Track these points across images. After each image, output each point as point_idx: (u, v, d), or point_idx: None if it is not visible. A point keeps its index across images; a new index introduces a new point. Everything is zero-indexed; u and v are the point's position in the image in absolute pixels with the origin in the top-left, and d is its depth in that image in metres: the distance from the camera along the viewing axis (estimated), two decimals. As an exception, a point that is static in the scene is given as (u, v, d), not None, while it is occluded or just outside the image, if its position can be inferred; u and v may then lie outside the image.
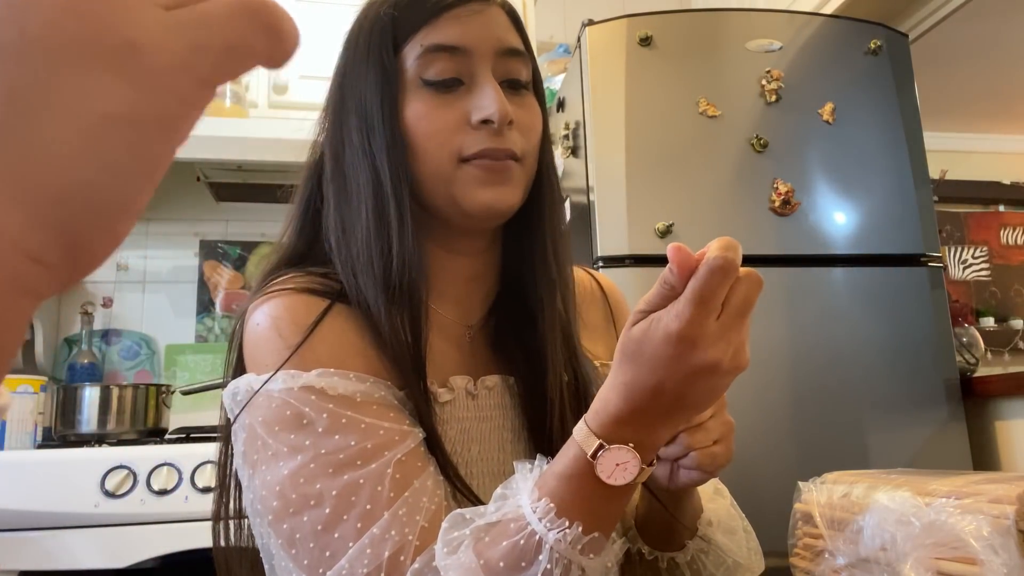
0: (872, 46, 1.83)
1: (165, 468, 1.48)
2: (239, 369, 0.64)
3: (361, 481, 0.55)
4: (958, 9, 2.02)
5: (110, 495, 1.44)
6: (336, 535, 0.54)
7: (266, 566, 0.64)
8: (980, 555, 0.44)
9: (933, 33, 2.14)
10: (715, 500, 0.71)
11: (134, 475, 1.47)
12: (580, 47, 1.82)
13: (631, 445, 0.50)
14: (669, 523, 0.67)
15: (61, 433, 1.78)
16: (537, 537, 0.50)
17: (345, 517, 0.54)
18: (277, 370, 0.59)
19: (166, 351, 2.23)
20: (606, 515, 0.52)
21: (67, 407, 1.77)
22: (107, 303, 2.23)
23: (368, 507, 0.54)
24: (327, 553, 0.54)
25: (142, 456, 1.49)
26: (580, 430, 0.52)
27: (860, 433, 1.64)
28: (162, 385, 1.91)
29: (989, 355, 2.86)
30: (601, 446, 0.50)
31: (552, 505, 0.51)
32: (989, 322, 2.95)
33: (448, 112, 0.65)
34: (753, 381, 1.63)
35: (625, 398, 0.50)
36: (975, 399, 1.74)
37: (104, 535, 1.43)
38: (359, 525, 0.54)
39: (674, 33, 1.79)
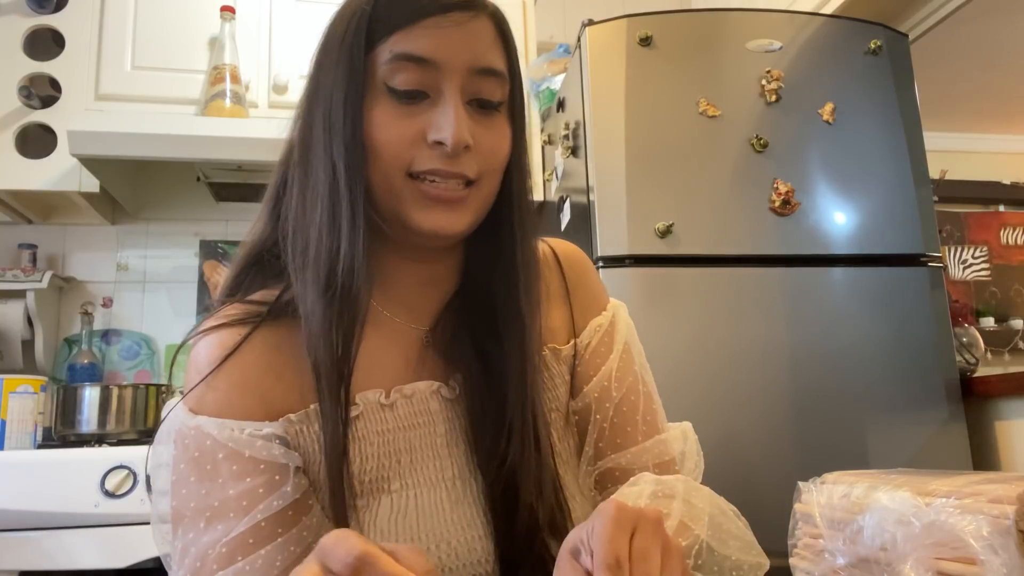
0: (872, 46, 1.83)
1: (165, 468, 1.48)
2: None
3: (192, 549, 0.58)
4: (958, 9, 2.02)
5: (110, 495, 1.44)
6: None
7: None
8: (980, 555, 0.44)
9: (933, 33, 2.14)
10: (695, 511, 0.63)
11: (134, 475, 1.47)
12: (580, 47, 1.82)
13: None
14: None
15: (61, 433, 1.78)
16: None
17: (178, 570, 0.59)
18: (170, 410, 0.64)
19: (166, 351, 2.23)
20: None
21: (67, 407, 1.77)
22: (107, 303, 2.23)
23: (215, 567, 0.57)
24: None
25: (142, 456, 1.48)
26: None
27: (860, 433, 1.64)
28: (162, 385, 1.91)
29: (989, 355, 2.86)
30: None
31: None
32: (989, 322, 2.95)
33: (408, 124, 0.62)
34: (753, 381, 1.63)
35: None
36: (975, 399, 1.74)
37: (104, 535, 1.44)
38: None
39: (674, 33, 1.79)
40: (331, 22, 0.67)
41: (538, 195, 2.20)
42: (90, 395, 1.77)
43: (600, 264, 1.65)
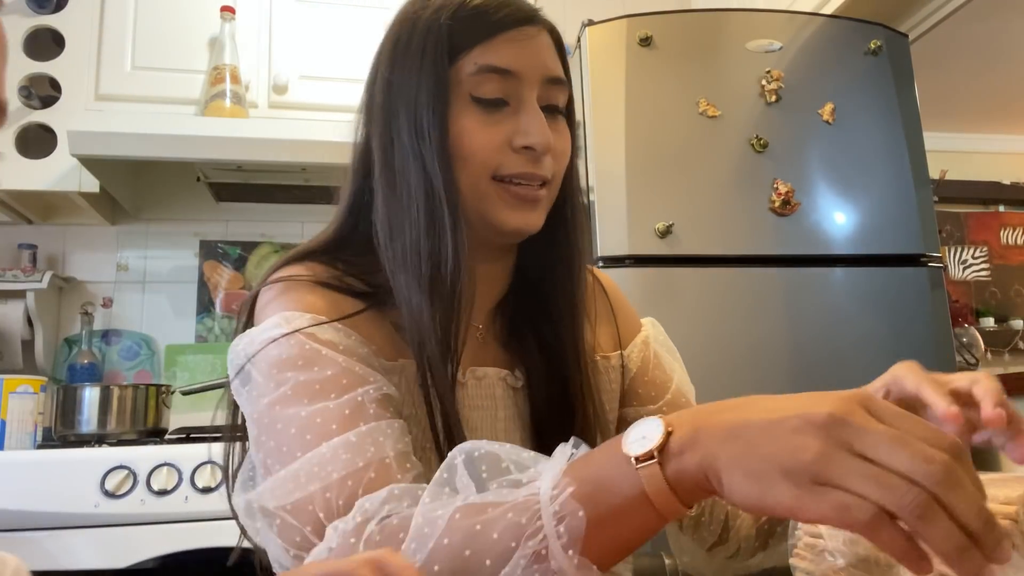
0: (872, 46, 1.83)
1: (165, 468, 1.48)
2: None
3: (331, 407, 0.57)
4: (958, 9, 2.02)
5: (110, 495, 1.44)
6: (299, 454, 0.56)
7: None
8: (980, 555, 0.44)
9: (933, 33, 2.14)
10: None
11: (134, 475, 1.47)
12: (580, 47, 1.82)
13: (667, 424, 0.45)
14: None
15: (61, 433, 1.78)
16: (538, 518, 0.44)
17: (308, 437, 0.56)
18: (248, 338, 0.62)
19: (166, 351, 2.23)
20: (611, 517, 0.44)
21: (67, 407, 1.77)
22: (107, 303, 2.23)
23: (334, 426, 0.56)
24: (279, 470, 0.56)
25: (142, 456, 1.49)
26: None
27: (860, 433, 1.64)
28: (162, 385, 1.91)
29: (989, 355, 2.86)
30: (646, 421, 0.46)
31: (567, 480, 0.46)
32: (989, 322, 2.95)
33: (493, 131, 0.67)
34: (753, 381, 1.63)
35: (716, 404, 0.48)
36: (975, 399, 1.74)
37: (104, 535, 1.44)
38: (313, 441, 0.56)
39: (674, 33, 1.79)
40: (398, 35, 0.71)
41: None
42: (90, 395, 1.77)
43: (600, 264, 1.65)
